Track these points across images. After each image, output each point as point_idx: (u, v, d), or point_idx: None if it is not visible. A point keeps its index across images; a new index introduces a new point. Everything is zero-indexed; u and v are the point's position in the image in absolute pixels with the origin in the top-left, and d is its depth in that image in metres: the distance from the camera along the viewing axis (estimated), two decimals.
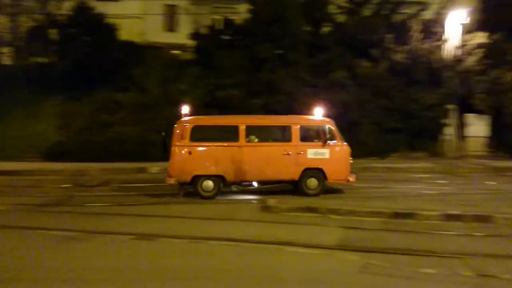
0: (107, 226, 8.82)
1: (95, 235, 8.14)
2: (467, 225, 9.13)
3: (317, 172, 11.58)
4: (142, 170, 16.74)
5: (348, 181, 11.82)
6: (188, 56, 23.76)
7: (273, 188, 11.84)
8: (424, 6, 22.35)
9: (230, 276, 6.12)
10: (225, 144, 11.51)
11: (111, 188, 13.76)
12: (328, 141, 11.53)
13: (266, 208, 10.28)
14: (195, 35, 22.83)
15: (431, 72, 19.90)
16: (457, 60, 19.57)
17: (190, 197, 11.53)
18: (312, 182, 11.61)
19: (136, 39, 25.09)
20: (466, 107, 19.79)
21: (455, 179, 15.02)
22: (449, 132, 19.63)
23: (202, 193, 11.37)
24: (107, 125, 19.44)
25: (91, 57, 20.89)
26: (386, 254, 7.14)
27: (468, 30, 20.05)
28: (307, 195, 11.44)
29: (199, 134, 11.52)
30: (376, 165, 17.59)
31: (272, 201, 10.57)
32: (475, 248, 7.52)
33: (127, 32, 24.33)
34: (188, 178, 11.35)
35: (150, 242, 7.75)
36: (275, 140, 12.00)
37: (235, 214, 9.91)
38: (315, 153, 11.60)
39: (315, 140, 11.71)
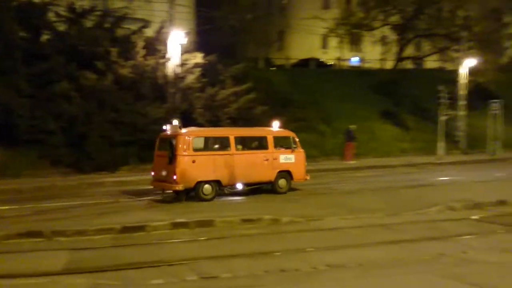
0: None
1: None
2: (192, 231, 9.83)
3: (286, 174, 14.27)
4: None
5: (305, 179, 14.72)
6: None
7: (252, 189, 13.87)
8: (146, 24, 23.20)
9: None
10: (220, 152, 13.40)
11: None
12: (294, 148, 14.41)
13: None
14: None
15: (156, 88, 20.79)
16: (179, 77, 21.00)
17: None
18: (283, 183, 14.20)
19: None
20: (189, 120, 21.42)
21: None
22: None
23: (203, 196, 12.88)
24: None
25: None
26: (115, 271, 7.04)
27: (186, 50, 21.78)
28: (279, 193, 13.97)
29: (199, 145, 13.19)
30: (106, 179, 17.25)
31: None
32: (199, 252, 8.15)
33: None
34: (192, 184, 12.80)
35: None
36: (255, 148, 14.25)
37: None
38: (285, 158, 14.27)
39: (280, 148, 14.34)
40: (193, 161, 12.80)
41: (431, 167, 22.20)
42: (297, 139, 14.77)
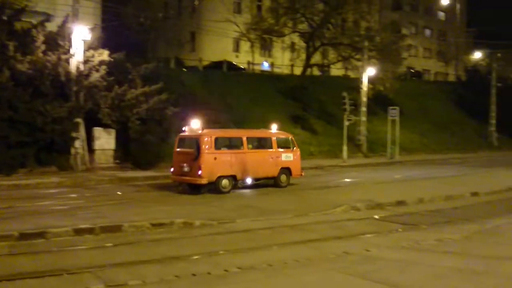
0: None
1: None
2: (97, 237, 9.33)
3: (287, 170, 16.41)
4: None
5: (301, 175, 16.96)
6: None
7: (259, 183, 16.05)
8: (48, 17, 21.77)
9: None
10: (236, 151, 15.32)
11: None
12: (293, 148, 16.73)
13: None
14: None
15: (58, 85, 19.55)
16: (83, 74, 19.94)
17: None
18: (284, 178, 16.36)
19: None
20: (94, 121, 20.41)
21: (85, 192, 15.19)
22: (78, 145, 19.73)
23: (222, 189, 14.62)
24: None
25: None
26: (12, 281, 6.47)
27: (92, 46, 20.76)
28: (281, 187, 16.08)
29: (219, 144, 14.99)
30: (1, 183, 15.87)
31: None
32: (105, 259, 7.75)
33: None
34: (214, 178, 14.51)
35: None
36: (262, 147, 16.27)
37: None
38: (286, 157, 16.42)
39: (281, 149, 16.37)
40: (215, 158, 14.67)
41: (336, 170, 23.25)
42: (294, 140, 17.23)
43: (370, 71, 30.33)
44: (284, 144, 16.77)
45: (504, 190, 16.16)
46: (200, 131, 14.87)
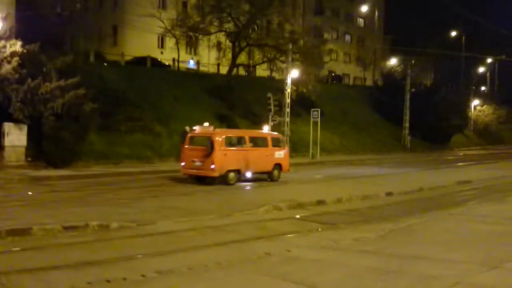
0: None
1: None
2: (3, 240, 8.60)
3: (278, 166, 18.45)
4: None
5: (289, 170, 18.99)
6: None
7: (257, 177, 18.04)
8: None
9: None
10: (240, 148, 17.39)
11: None
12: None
13: None
14: None
15: None
16: None
17: None
18: (276, 173, 18.43)
19: None
20: (4, 115, 18.98)
21: None
22: None
23: (229, 181, 16.65)
24: None
25: None
26: None
27: (3, 36, 19.28)
28: (274, 180, 18.19)
29: (228, 142, 17.16)
30: None
31: None
32: (11, 265, 7.14)
33: None
34: (224, 172, 16.54)
35: None
36: (260, 146, 18.33)
37: None
38: (278, 154, 18.47)
39: (272, 146, 18.42)
40: (225, 155, 16.66)
41: None
42: (284, 139, 19.92)
43: (294, 73, 30.94)
44: (276, 143, 18.87)
45: (415, 191, 17.11)
46: (212, 131, 17.20)
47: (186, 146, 17.49)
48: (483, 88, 72.10)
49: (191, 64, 41.84)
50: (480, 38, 65.27)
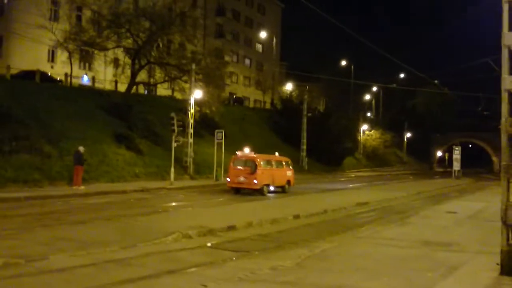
0: None
1: None
2: None
3: (288, 181, 25.00)
4: None
5: (293, 184, 25.55)
6: None
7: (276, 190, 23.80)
8: None
9: None
10: (268, 168, 23.65)
11: None
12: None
13: None
14: None
15: None
16: None
17: None
18: (286, 186, 24.84)
19: None
20: None
21: None
22: None
23: (265, 193, 22.77)
24: None
25: None
26: None
27: None
28: (285, 192, 24.44)
29: (263, 164, 23.40)
30: None
31: None
32: None
33: None
34: (261, 186, 22.73)
35: None
36: (278, 166, 24.84)
37: None
38: (288, 173, 25.12)
39: (285, 167, 25.34)
40: (262, 172, 22.58)
41: (164, 192, 22.35)
42: (290, 162, 26.25)
43: (197, 94, 30.40)
44: (287, 165, 25.48)
45: (320, 213, 17.28)
46: (254, 155, 23.57)
47: (232, 167, 23.10)
48: (369, 114, 77.62)
49: (85, 80, 39.38)
50: (366, 69, 70.60)
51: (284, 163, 25.18)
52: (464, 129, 75.01)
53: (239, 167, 22.76)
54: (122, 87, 35.60)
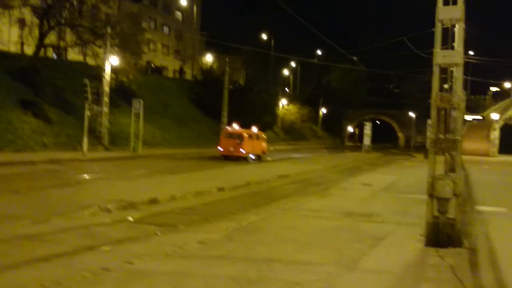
0: None
1: None
2: None
3: (263, 151, 30.95)
4: None
5: (266, 154, 31.79)
6: None
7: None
8: None
9: None
10: (252, 140, 29.16)
11: None
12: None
13: None
14: None
15: None
16: None
17: None
18: (262, 155, 30.58)
19: None
20: None
21: None
22: None
23: (249, 160, 28.17)
24: None
25: None
26: None
27: None
28: (262, 160, 29.91)
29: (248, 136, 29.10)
30: None
31: None
32: None
33: None
34: (247, 154, 28.05)
35: None
36: (257, 139, 30.53)
37: None
38: (263, 144, 31.12)
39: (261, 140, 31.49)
40: (247, 144, 28.09)
41: (76, 164, 20.98)
42: (265, 136, 32.59)
43: (113, 60, 28.69)
44: (263, 138, 31.14)
45: (244, 185, 17.16)
46: (240, 130, 29.52)
47: (223, 137, 28.81)
48: (286, 89, 78.84)
49: None
50: (286, 42, 71.09)
51: (261, 137, 31.09)
52: (374, 106, 78.86)
53: (229, 139, 28.15)
54: (28, 50, 32.66)
